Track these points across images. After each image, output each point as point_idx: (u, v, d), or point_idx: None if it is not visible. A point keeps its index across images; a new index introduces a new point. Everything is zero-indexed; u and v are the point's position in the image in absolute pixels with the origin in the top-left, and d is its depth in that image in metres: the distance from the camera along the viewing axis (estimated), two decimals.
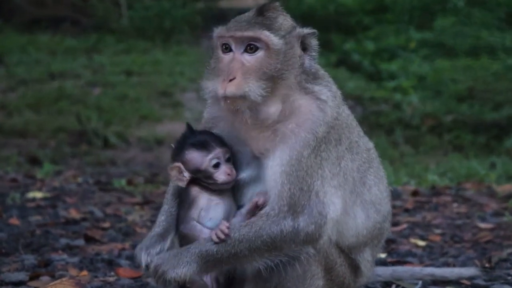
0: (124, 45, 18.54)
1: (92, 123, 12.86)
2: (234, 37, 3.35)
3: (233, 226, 3.34)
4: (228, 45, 3.38)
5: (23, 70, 15.58)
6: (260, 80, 3.32)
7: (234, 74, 3.31)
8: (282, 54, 3.38)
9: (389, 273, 4.36)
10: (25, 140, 12.46)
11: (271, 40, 3.35)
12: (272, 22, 3.39)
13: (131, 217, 6.68)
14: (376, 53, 16.63)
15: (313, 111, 3.41)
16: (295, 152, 3.35)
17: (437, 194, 8.00)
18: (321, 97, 3.45)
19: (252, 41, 3.35)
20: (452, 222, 6.59)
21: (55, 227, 6.09)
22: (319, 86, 3.49)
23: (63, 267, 4.73)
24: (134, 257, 3.59)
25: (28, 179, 8.80)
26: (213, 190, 3.49)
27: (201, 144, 3.49)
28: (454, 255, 5.37)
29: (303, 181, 3.34)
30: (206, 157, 3.47)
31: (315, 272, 3.42)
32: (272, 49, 3.35)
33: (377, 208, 3.69)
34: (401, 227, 6.37)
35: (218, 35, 3.41)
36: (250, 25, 3.36)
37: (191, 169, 3.49)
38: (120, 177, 9.22)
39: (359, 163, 3.59)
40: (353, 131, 3.59)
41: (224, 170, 3.47)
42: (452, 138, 13.15)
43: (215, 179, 3.47)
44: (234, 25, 3.39)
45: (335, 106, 3.47)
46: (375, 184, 3.68)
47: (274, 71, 3.35)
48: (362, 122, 3.85)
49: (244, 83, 3.30)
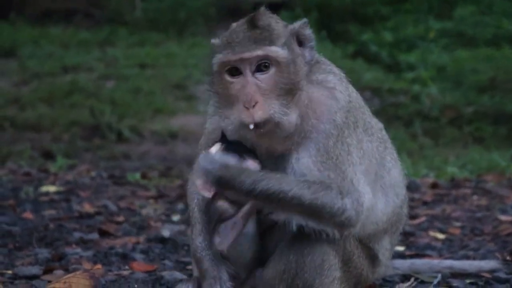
0: (137, 37, 18.56)
1: (105, 116, 12.90)
2: (243, 59, 3.26)
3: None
4: (236, 69, 3.30)
5: (36, 64, 15.65)
6: (280, 97, 3.27)
7: (255, 99, 3.23)
8: (291, 63, 3.31)
9: (407, 265, 4.35)
10: (38, 134, 12.53)
11: (279, 54, 3.28)
12: (270, 33, 3.31)
13: (145, 211, 6.71)
14: (394, 44, 16.57)
15: (326, 101, 3.39)
16: (320, 145, 3.34)
17: (457, 186, 7.98)
18: (329, 85, 3.43)
19: (263, 59, 3.27)
20: (472, 215, 6.57)
21: (68, 221, 6.13)
22: (323, 74, 3.46)
23: (77, 261, 4.76)
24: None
25: (42, 173, 8.86)
26: (239, 203, 3.39)
27: (232, 154, 3.38)
28: (474, 248, 5.36)
29: (336, 169, 3.33)
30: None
31: (332, 263, 3.43)
32: (282, 62, 3.29)
33: (396, 192, 3.68)
34: (420, 220, 6.36)
35: (222, 60, 3.30)
36: (255, 42, 3.27)
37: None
38: (134, 171, 9.26)
39: (376, 144, 3.59)
40: (364, 111, 3.58)
41: None
42: (473, 130, 13.10)
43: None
44: (237, 46, 3.28)
45: (344, 90, 3.45)
46: (393, 166, 3.68)
47: (290, 83, 3.30)
48: (380, 114, 3.86)
49: (268, 106, 3.24)
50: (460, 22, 16.70)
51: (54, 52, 16.65)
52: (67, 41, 17.78)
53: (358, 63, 15.64)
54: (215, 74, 3.36)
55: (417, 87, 14.44)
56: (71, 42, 17.70)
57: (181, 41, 18.47)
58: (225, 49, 3.30)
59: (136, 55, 16.73)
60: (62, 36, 18.15)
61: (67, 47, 17.33)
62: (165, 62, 16.45)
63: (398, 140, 12.29)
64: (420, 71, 15.08)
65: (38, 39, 17.48)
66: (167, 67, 16.13)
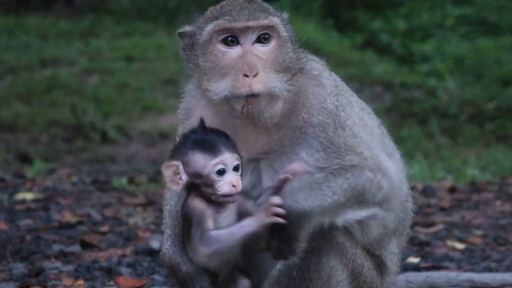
0: (124, 27, 18.55)
1: (88, 115, 12.90)
2: (248, 26, 3.37)
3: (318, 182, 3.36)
4: (235, 38, 3.39)
5: (11, 57, 15.64)
6: (280, 73, 3.38)
7: (257, 69, 3.32)
8: (289, 40, 3.47)
9: (422, 279, 4.37)
10: (14, 135, 12.53)
11: (282, 27, 3.44)
12: (269, 8, 3.47)
13: (133, 220, 6.72)
14: (407, 33, 16.56)
15: (313, 90, 3.51)
16: (321, 139, 3.43)
17: (478, 190, 7.99)
18: (314, 72, 3.55)
19: (266, 30, 3.40)
20: (495, 222, 6.58)
21: (47, 232, 6.13)
22: (306, 62, 3.57)
23: (56, 276, 4.76)
24: None
25: (17, 178, 8.85)
26: (215, 202, 3.37)
27: (207, 144, 3.36)
28: (497, 259, 5.36)
29: (350, 153, 3.43)
30: (210, 161, 3.34)
31: (340, 278, 3.45)
32: (283, 36, 3.44)
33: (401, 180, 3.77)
34: (436, 228, 6.37)
35: (220, 28, 3.40)
36: (260, 13, 3.41)
37: (191, 172, 3.37)
38: (120, 176, 9.26)
39: (376, 123, 3.73)
40: (353, 95, 3.70)
41: (229, 180, 3.34)
42: (495, 128, 13.10)
43: (216, 189, 3.34)
44: (239, 14, 3.39)
45: (329, 75, 3.59)
46: (393, 150, 3.78)
47: (289, 60, 3.43)
48: (392, 111, 3.92)
49: (269, 79, 3.34)
50: (482, 7, 16.68)
51: (31, 44, 16.65)
52: (45, 31, 17.77)
53: (367, 55, 15.63)
54: (202, 45, 3.44)
55: (433, 81, 14.44)
56: (50, 33, 17.69)
57: (172, 32, 18.39)
58: (221, 17, 3.40)
59: (122, 47, 16.73)
60: (40, 26, 18.13)
61: (46, 38, 17.32)
62: (155, 54, 16.45)
63: (413, 139, 12.30)
64: (436, 63, 15.08)
65: (13, 30, 17.47)
66: (156, 60, 16.13)
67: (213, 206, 3.37)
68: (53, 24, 18.31)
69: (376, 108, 14.64)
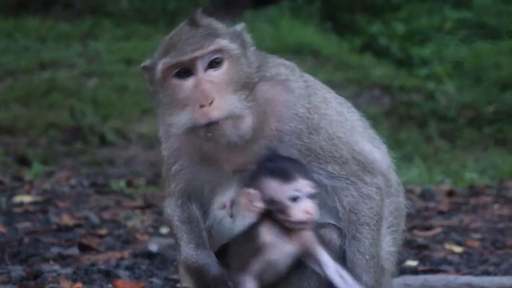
0: (123, 30, 18.55)
1: (87, 118, 12.89)
2: (195, 57, 3.38)
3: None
4: (187, 69, 3.40)
5: (10, 59, 15.64)
6: (237, 92, 3.38)
7: (211, 96, 3.33)
8: (242, 56, 3.45)
9: (420, 282, 4.37)
10: (13, 137, 12.52)
11: (231, 46, 3.43)
12: (215, 29, 3.47)
13: (131, 222, 6.71)
14: (406, 36, 16.56)
15: (281, 97, 3.49)
16: (298, 146, 3.44)
17: (476, 194, 7.99)
18: (281, 78, 3.54)
19: (215, 55, 3.39)
20: (493, 226, 6.58)
21: (45, 235, 6.13)
22: (274, 68, 3.56)
23: (55, 279, 4.76)
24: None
25: (16, 181, 8.85)
26: (285, 228, 3.37)
27: (282, 171, 3.37)
28: (496, 262, 5.36)
29: (332, 157, 3.44)
30: (283, 187, 3.34)
31: None
32: (234, 55, 3.42)
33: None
34: (435, 231, 6.37)
35: (170, 63, 3.41)
36: (204, 38, 3.41)
37: (265, 199, 3.37)
38: (119, 178, 9.26)
39: (357, 117, 3.72)
40: (330, 90, 3.69)
41: (303, 206, 3.32)
42: (494, 131, 13.10)
43: (289, 215, 3.34)
44: (185, 46, 3.40)
45: (298, 78, 3.57)
46: (379, 143, 3.76)
47: (245, 77, 3.42)
48: (391, 115, 3.92)
49: (225, 102, 3.34)
50: (481, 11, 16.69)
51: (30, 47, 16.65)
52: (44, 34, 17.76)
53: (366, 58, 15.63)
54: (159, 82, 3.47)
55: (432, 84, 14.44)
56: (49, 35, 17.69)
57: None
58: (170, 53, 3.43)
59: (121, 50, 16.73)
60: (39, 28, 18.13)
61: (45, 40, 17.32)
62: None
63: (411, 143, 12.31)
64: (435, 66, 15.08)
65: (12, 32, 17.47)
66: None
67: (277, 230, 3.38)
68: (52, 26, 18.30)
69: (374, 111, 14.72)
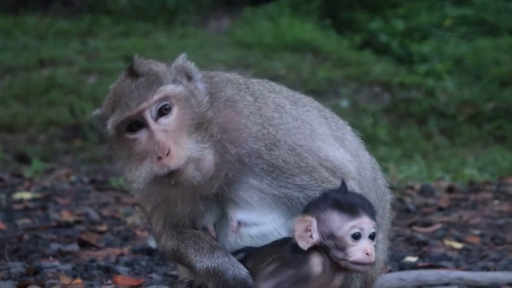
0: (122, 27, 18.54)
1: (86, 115, 12.89)
2: (142, 109, 3.32)
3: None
4: (137, 123, 3.35)
5: (9, 57, 15.63)
6: (193, 135, 3.34)
7: (167, 146, 3.28)
8: (190, 96, 3.39)
9: (413, 276, 4.40)
10: (12, 135, 12.52)
11: (176, 90, 3.37)
12: (156, 75, 3.41)
13: (131, 219, 6.71)
14: (406, 33, 16.56)
15: (231, 121, 3.45)
16: (260, 166, 3.42)
17: (476, 190, 7.99)
18: (229, 101, 3.49)
19: (162, 102, 3.34)
20: (493, 222, 6.58)
21: (45, 231, 6.13)
22: (219, 92, 3.51)
23: (54, 275, 4.76)
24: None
25: (15, 178, 8.85)
26: (333, 263, 3.24)
27: (348, 205, 3.23)
28: (495, 258, 5.36)
29: (298, 168, 3.43)
30: (347, 222, 3.20)
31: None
32: (182, 98, 3.37)
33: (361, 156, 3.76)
34: (434, 227, 6.37)
35: (119, 120, 3.35)
36: (147, 89, 3.36)
37: (324, 231, 3.23)
38: (118, 175, 9.25)
39: (315, 113, 3.66)
40: (281, 90, 3.67)
41: (364, 246, 3.18)
42: (493, 128, 13.11)
43: (347, 254, 3.19)
44: (130, 101, 3.35)
45: (244, 94, 3.53)
46: (344, 131, 3.74)
47: (197, 117, 3.37)
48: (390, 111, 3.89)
49: (182, 148, 3.30)
50: (481, 8, 16.69)
51: (29, 44, 16.63)
52: (44, 31, 17.75)
53: (366, 55, 15.63)
54: (113, 139, 3.41)
55: (432, 81, 14.44)
56: (49, 33, 17.68)
57: (171, 32, 18.46)
58: (116, 110, 3.37)
59: (120, 47, 16.72)
60: (38, 26, 18.12)
61: (44, 38, 17.31)
62: (153, 54, 16.37)
63: (411, 140, 12.31)
64: (434, 63, 15.08)
65: (12, 30, 17.46)
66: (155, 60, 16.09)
67: (332, 269, 3.27)
68: (51, 24, 18.29)
69: (374, 108, 14.70)
